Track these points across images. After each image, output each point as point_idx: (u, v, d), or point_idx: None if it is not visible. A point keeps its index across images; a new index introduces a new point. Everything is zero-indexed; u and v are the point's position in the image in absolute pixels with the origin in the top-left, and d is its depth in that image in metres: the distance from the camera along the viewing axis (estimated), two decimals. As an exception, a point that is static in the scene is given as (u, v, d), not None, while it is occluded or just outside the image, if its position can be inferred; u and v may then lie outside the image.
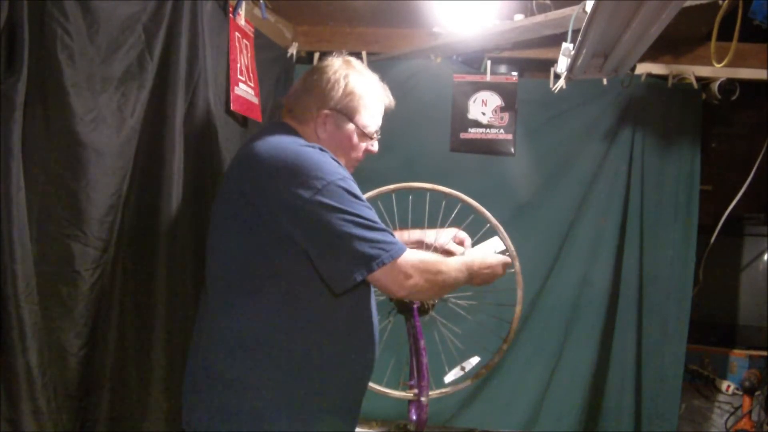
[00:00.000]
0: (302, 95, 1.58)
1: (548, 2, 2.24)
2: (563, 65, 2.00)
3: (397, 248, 1.39)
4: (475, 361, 1.93)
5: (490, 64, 2.68)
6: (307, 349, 1.42)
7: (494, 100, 2.68)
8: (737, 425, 2.59)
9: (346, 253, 1.36)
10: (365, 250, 1.36)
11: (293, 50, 2.67)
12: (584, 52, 1.81)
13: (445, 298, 1.88)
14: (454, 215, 1.90)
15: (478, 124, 2.69)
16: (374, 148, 1.65)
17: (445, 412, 2.63)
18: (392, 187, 1.96)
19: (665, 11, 1.48)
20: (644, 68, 2.60)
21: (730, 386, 2.61)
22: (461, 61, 2.76)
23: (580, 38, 1.75)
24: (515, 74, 2.71)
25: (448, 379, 1.92)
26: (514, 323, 1.92)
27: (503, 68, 2.75)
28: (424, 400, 1.81)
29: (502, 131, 2.68)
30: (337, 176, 1.39)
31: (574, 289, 2.65)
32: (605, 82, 2.62)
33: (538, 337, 2.65)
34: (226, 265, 1.45)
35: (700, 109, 2.63)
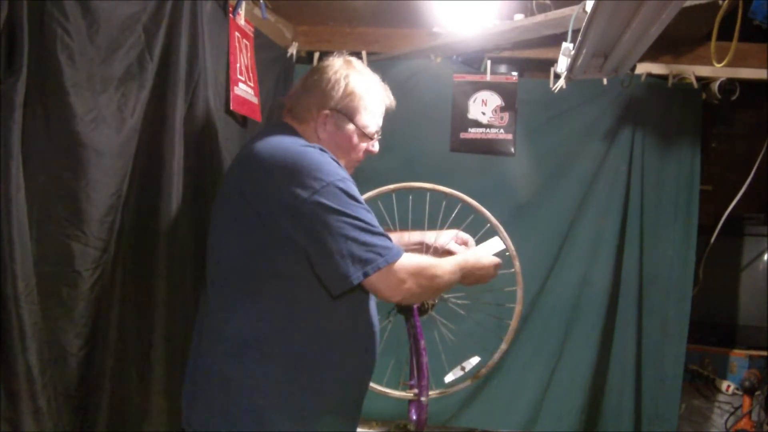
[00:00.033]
0: (303, 95, 1.58)
1: (548, 2, 2.24)
2: (563, 65, 2.01)
3: (393, 253, 1.38)
4: (475, 361, 1.93)
5: (490, 64, 2.68)
6: (307, 349, 1.42)
7: (494, 100, 2.68)
8: (737, 425, 2.59)
9: (342, 255, 1.35)
10: (361, 253, 1.35)
11: (293, 50, 2.67)
12: (584, 52, 1.81)
13: (445, 297, 1.88)
14: (454, 215, 1.90)
15: (478, 124, 2.69)
16: (375, 148, 1.65)
17: (445, 412, 2.63)
18: (392, 187, 1.96)
19: (665, 11, 1.48)
20: (644, 68, 2.60)
21: (730, 386, 2.60)
22: (461, 61, 2.76)
23: (580, 38, 1.75)
24: (515, 74, 2.71)
25: (448, 379, 1.92)
26: (513, 323, 1.92)
27: (503, 68, 2.75)
28: (424, 400, 1.81)
29: (502, 131, 2.68)
30: (336, 177, 1.38)
31: (574, 289, 2.65)
32: (605, 82, 2.62)
33: (538, 337, 2.65)
34: (226, 264, 1.45)
35: (700, 109, 2.63)
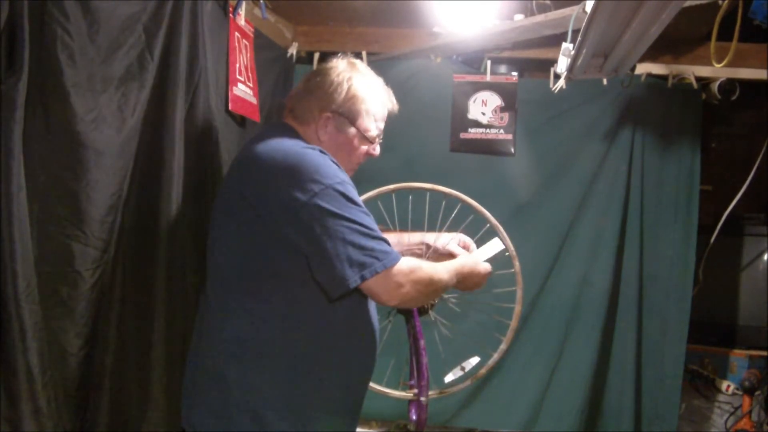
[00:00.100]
0: (304, 96, 1.57)
1: (548, 2, 2.24)
2: (563, 65, 2.01)
3: (390, 258, 1.38)
4: (475, 361, 1.93)
5: (490, 64, 2.69)
6: (306, 349, 1.42)
7: (494, 100, 2.68)
8: (737, 425, 2.59)
9: (339, 259, 1.34)
10: (359, 257, 1.35)
11: (293, 50, 2.67)
12: (584, 52, 1.81)
13: (444, 297, 1.88)
14: (454, 215, 1.90)
15: (478, 124, 2.69)
16: (376, 152, 1.64)
17: (445, 412, 2.63)
18: (392, 187, 1.96)
19: (665, 11, 1.48)
20: (644, 68, 2.60)
21: (730, 386, 2.61)
22: (461, 61, 2.76)
23: (580, 38, 1.75)
24: (515, 74, 2.71)
25: (448, 379, 1.92)
26: (513, 323, 1.92)
27: (503, 68, 2.75)
28: (424, 400, 1.81)
29: (502, 131, 2.68)
30: (335, 180, 1.38)
31: (574, 289, 2.65)
32: (605, 82, 2.62)
33: (538, 337, 2.65)
34: (225, 265, 1.45)
35: (700, 109, 2.63)
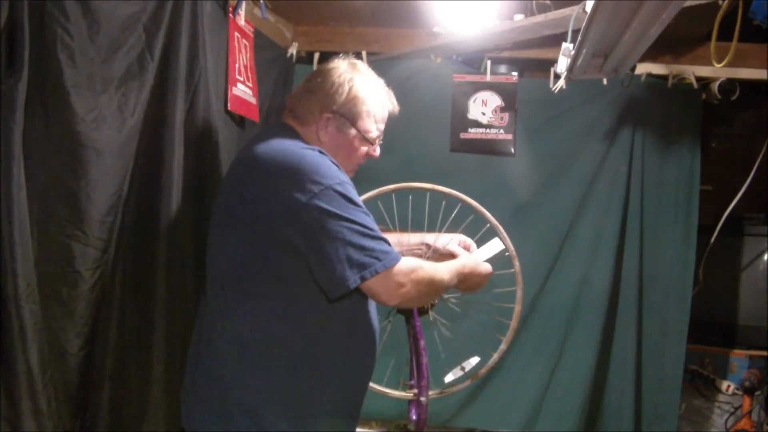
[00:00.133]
0: (305, 96, 1.57)
1: (548, 2, 2.24)
2: (563, 65, 2.00)
3: (390, 258, 1.38)
4: (475, 361, 1.93)
5: (490, 64, 2.68)
6: (306, 350, 1.42)
7: (494, 100, 2.68)
8: (737, 425, 2.59)
9: (339, 259, 1.34)
10: (358, 257, 1.35)
11: (293, 50, 2.67)
12: (584, 52, 1.81)
13: (444, 297, 1.88)
14: (454, 215, 1.90)
15: (478, 124, 2.69)
16: (376, 153, 1.64)
17: (445, 412, 2.63)
18: (392, 187, 1.95)
19: (665, 11, 1.48)
20: (644, 68, 2.60)
21: (730, 386, 2.61)
22: (461, 61, 2.76)
23: (580, 38, 1.75)
24: (515, 74, 2.71)
25: (447, 379, 1.92)
26: (513, 323, 1.92)
27: (503, 68, 2.75)
28: (424, 400, 1.81)
29: (502, 131, 2.68)
30: (335, 181, 1.38)
31: (574, 289, 2.65)
32: (605, 82, 2.62)
33: (538, 337, 2.65)
34: (225, 266, 1.45)
35: (700, 109, 2.63)
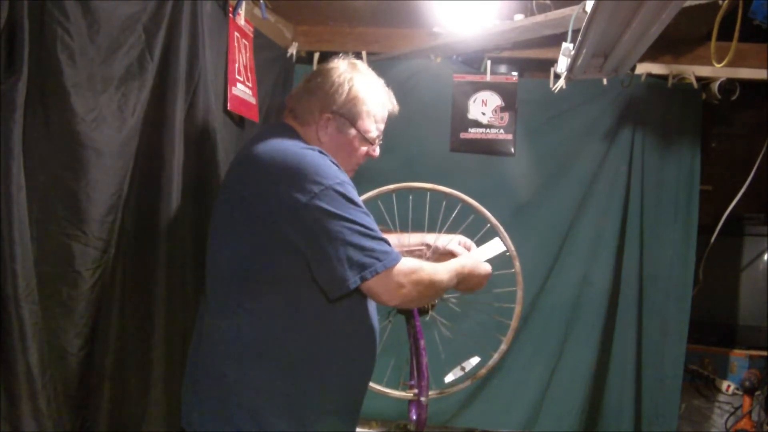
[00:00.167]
0: (305, 96, 1.57)
1: (548, 2, 2.24)
2: (563, 65, 2.01)
3: (391, 258, 1.38)
4: (475, 361, 1.93)
5: (490, 64, 2.69)
6: (306, 350, 1.42)
7: (494, 100, 2.68)
8: (737, 425, 2.59)
9: (339, 260, 1.34)
10: (359, 257, 1.35)
11: (293, 50, 2.67)
12: (584, 52, 1.81)
13: (445, 297, 1.88)
14: (454, 215, 1.90)
15: (478, 124, 2.69)
16: (376, 153, 1.64)
17: (445, 412, 2.63)
18: (392, 187, 1.96)
19: (665, 11, 1.48)
20: (644, 68, 2.60)
21: (730, 386, 2.61)
22: (461, 61, 2.76)
23: (580, 38, 1.75)
24: (515, 74, 2.71)
25: (448, 379, 1.92)
26: (514, 323, 1.92)
27: (503, 68, 2.75)
28: (424, 400, 1.81)
29: (502, 131, 2.68)
30: (335, 181, 1.38)
31: (574, 289, 2.65)
32: (605, 82, 2.62)
33: (538, 337, 2.65)
34: (225, 266, 1.45)
35: (700, 109, 2.63)
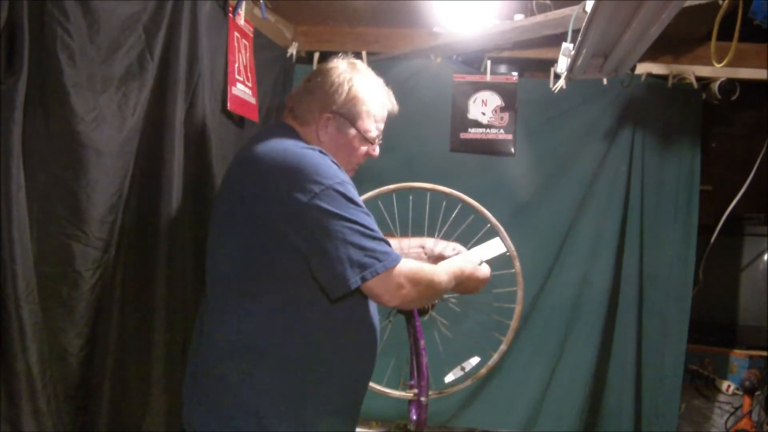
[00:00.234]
0: (305, 96, 1.57)
1: (548, 2, 2.24)
2: (563, 65, 2.01)
3: (391, 258, 1.38)
4: (475, 361, 1.93)
5: (490, 64, 2.69)
6: (306, 349, 1.42)
7: (494, 100, 2.68)
8: (737, 425, 2.59)
9: (340, 260, 1.34)
10: (359, 258, 1.35)
11: (293, 50, 2.67)
12: (584, 52, 1.82)
13: (445, 297, 1.88)
14: (454, 215, 1.90)
15: (478, 124, 2.69)
16: (375, 152, 1.64)
17: (445, 412, 2.63)
18: (392, 187, 1.96)
19: (665, 11, 1.48)
20: (644, 68, 2.60)
21: (730, 386, 2.61)
22: (461, 61, 2.76)
23: (580, 38, 1.75)
24: (515, 74, 2.71)
25: (448, 379, 1.92)
26: (514, 323, 1.92)
27: (503, 68, 2.75)
28: (424, 400, 1.81)
29: (502, 131, 2.68)
30: (335, 180, 1.38)
31: (574, 288, 2.65)
32: (605, 82, 2.62)
33: (538, 337, 2.65)
34: (225, 266, 1.45)
35: (700, 109, 2.63)
